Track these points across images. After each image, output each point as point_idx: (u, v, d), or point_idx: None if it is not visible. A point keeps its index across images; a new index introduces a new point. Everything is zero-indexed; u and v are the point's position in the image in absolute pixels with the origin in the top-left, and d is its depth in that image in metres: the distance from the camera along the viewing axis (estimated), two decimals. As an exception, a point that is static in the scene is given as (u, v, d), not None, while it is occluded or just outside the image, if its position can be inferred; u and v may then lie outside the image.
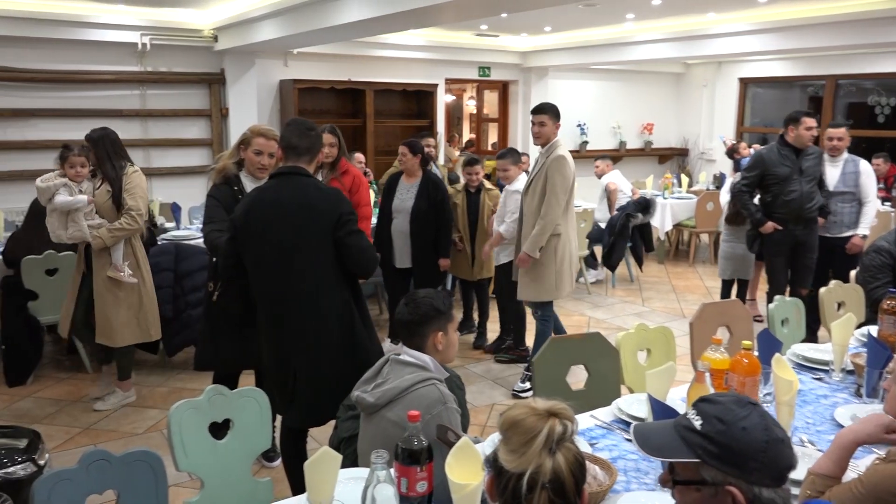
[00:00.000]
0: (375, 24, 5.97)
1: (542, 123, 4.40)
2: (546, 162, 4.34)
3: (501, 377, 5.00)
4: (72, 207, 4.17)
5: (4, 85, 7.31)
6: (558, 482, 1.25)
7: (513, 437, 1.29)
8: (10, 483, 3.12)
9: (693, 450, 1.35)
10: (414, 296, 2.22)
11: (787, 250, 5.22)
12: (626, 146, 11.86)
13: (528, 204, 4.45)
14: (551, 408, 1.31)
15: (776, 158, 5.10)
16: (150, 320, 4.44)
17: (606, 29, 9.07)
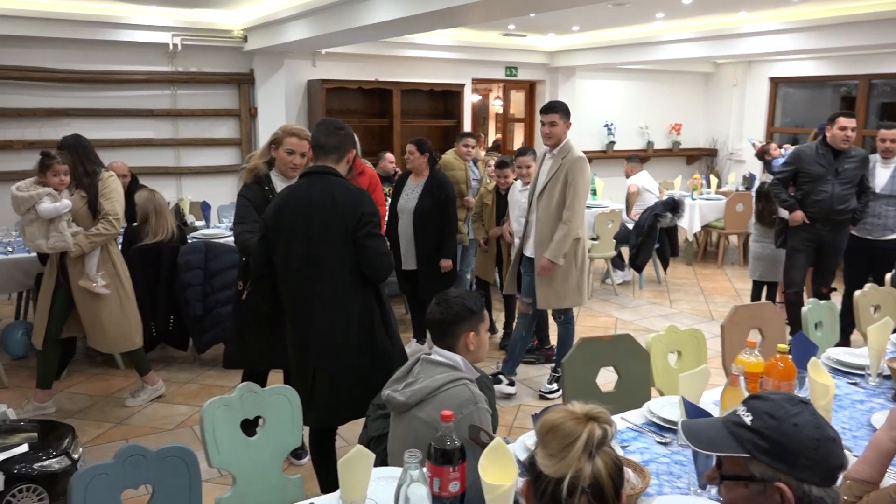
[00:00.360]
0: (403, 24, 5.99)
1: (552, 123, 4.26)
2: (564, 164, 4.22)
3: (528, 377, 4.98)
4: (57, 214, 4.05)
5: (39, 85, 7.45)
6: (598, 487, 1.24)
7: (551, 442, 1.28)
8: (45, 476, 3.19)
9: (742, 445, 1.34)
10: (446, 295, 2.22)
11: (810, 249, 5.23)
12: (653, 146, 11.76)
13: (543, 207, 4.30)
14: (589, 411, 1.30)
15: (812, 156, 5.09)
16: (132, 327, 4.37)
17: (635, 28, 9.00)
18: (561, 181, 4.23)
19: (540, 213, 4.32)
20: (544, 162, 4.41)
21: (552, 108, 4.28)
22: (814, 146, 5.15)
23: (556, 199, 4.25)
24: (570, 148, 4.28)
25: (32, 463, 3.16)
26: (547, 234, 4.28)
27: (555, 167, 4.27)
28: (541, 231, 4.32)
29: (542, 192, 4.31)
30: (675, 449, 2.16)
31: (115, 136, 7.86)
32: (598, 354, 2.85)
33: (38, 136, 7.50)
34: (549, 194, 4.28)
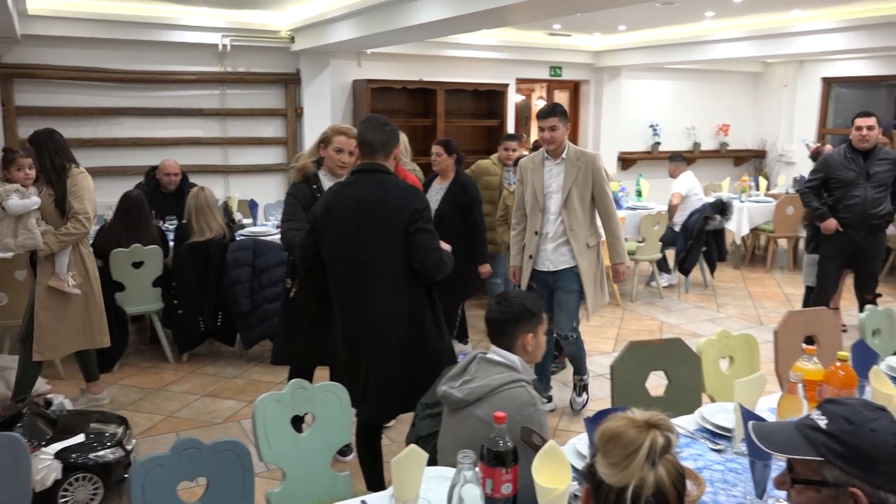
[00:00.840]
0: (449, 24, 5.99)
1: (553, 128, 4.01)
2: (583, 166, 4.05)
3: (569, 380, 4.94)
4: (27, 210, 3.89)
5: (94, 85, 7.66)
6: (661, 496, 1.22)
7: (613, 451, 1.26)
8: (100, 466, 3.28)
9: (817, 448, 1.32)
10: (506, 295, 2.23)
11: (844, 257, 5.13)
12: (700, 147, 11.57)
13: (574, 216, 4.09)
14: (651, 418, 1.28)
15: (840, 161, 5.01)
16: (97, 327, 4.25)
17: (683, 27, 8.86)
18: (587, 183, 4.07)
19: (570, 222, 4.09)
20: (546, 170, 4.14)
21: (551, 112, 4.02)
22: (842, 151, 5.08)
23: (584, 203, 4.10)
24: (576, 149, 4.13)
25: (88, 453, 3.26)
26: (582, 242, 4.12)
27: (573, 172, 4.07)
28: (577, 241, 4.11)
29: (567, 200, 4.07)
30: (730, 456, 2.12)
31: (166, 134, 8.03)
32: (647, 358, 2.81)
33: (93, 134, 7.71)
34: (579, 201, 4.08)
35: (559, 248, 4.15)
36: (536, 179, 4.15)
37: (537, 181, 4.14)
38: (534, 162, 4.19)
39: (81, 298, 4.17)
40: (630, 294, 7.04)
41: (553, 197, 4.13)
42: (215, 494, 2.04)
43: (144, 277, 5.04)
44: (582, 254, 4.13)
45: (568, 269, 4.16)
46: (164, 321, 5.25)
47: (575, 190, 4.06)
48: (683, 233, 7.11)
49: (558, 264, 4.17)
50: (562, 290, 4.21)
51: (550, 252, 4.17)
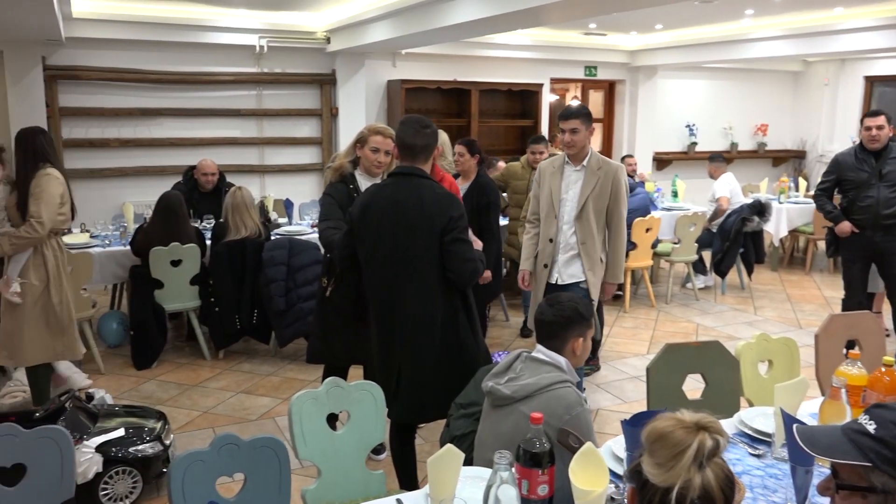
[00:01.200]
0: (484, 24, 5.99)
1: (574, 130, 3.77)
2: (603, 176, 3.82)
3: (605, 382, 4.91)
4: None
5: (135, 86, 7.81)
6: (708, 499, 1.20)
7: (660, 451, 1.25)
8: (139, 460, 3.33)
9: (864, 453, 1.29)
10: (559, 297, 2.22)
11: (865, 258, 5.04)
12: (737, 148, 11.39)
13: (586, 228, 3.85)
14: (700, 420, 1.26)
15: (851, 162, 4.93)
16: (60, 339, 3.97)
17: (722, 26, 8.73)
18: (605, 196, 3.83)
19: (582, 235, 3.85)
20: (565, 175, 3.91)
21: (572, 114, 3.80)
22: (853, 151, 4.99)
23: (599, 216, 3.87)
24: (599, 157, 3.89)
25: (128, 447, 3.32)
26: (594, 258, 3.89)
27: (592, 182, 3.83)
28: (588, 255, 3.87)
29: (582, 211, 3.84)
30: (770, 462, 2.09)
31: (204, 134, 8.16)
32: (684, 361, 2.78)
33: (133, 134, 7.86)
34: (594, 212, 3.85)
35: (571, 260, 3.92)
36: (554, 184, 3.93)
37: (554, 186, 3.93)
38: (553, 165, 3.98)
39: (39, 307, 3.90)
40: (665, 296, 6.96)
41: (568, 205, 3.90)
42: (252, 490, 2.07)
43: (182, 275, 5.12)
44: (593, 269, 3.90)
45: (575, 283, 3.91)
46: (201, 318, 5.34)
47: (591, 201, 3.83)
48: (720, 234, 7.01)
49: (567, 278, 3.93)
50: None
51: (562, 264, 3.94)
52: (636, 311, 6.59)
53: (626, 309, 6.59)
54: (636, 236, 6.39)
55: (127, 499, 3.30)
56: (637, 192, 6.55)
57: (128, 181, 7.88)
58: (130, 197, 7.63)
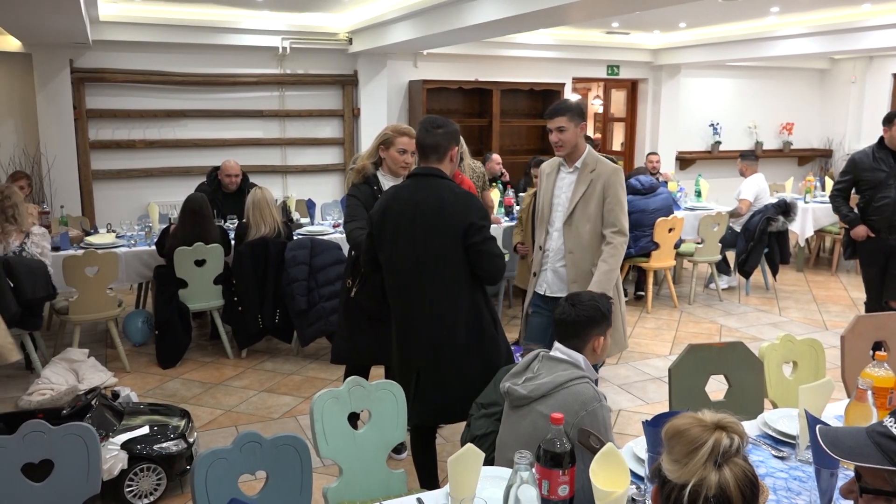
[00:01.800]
0: (506, 24, 5.98)
1: (560, 129, 3.43)
2: (595, 178, 3.45)
3: (627, 383, 4.88)
4: None
5: (160, 88, 7.91)
6: (724, 498, 1.20)
7: (676, 447, 1.25)
8: (164, 457, 3.37)
9: (889, 457, 1.28)
10: (579, 296, 2.21)
11: (881, 260, 4.91)
12: (762, 147, 11.25)
13: (573, 236, 3.49)
14: (720, 420, 1.26)
15: (868, 163, 4.82)
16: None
17: (747, 23, 8.64)
18: (595, 200, 3.45)
19: (570, 243, 3.49)
20: (559, 178, 3.59)
21: (558, 111, 3.46)
22: (870, 151, 4.87)
23: (591, 223, 3.45)
24: (596, 158, 3.52)
25: (152, 444, 3.37)
26: (584, 269, 3.48)
27: (583, 185, 3.47)
28: (574, 266, 3.48)
29: (571, 217, 3.49)
30: (794, 464, 2.06)
31: (227, 135, 8.24)
32: (707, 362, 2.75)
33: (158, 135, 7.96)
34: (581, 218, 3.46)
35: (559, 271, 3.57)
36: (547, 187, 3.63)
37: (547, 188, 3.63)
38: (551, 166, 3.67)
39: None
40: (688, 296, 6.90)
41: (559, 210, 3.56)
42: (274, 488, 2.08)
43: (206, 275, 5.18)
44: (578, 281, 3.47)
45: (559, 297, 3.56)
46: (224, 318, 5.39)
47: (581, 207, 3.45)
48: (745, 234, 6.93)
49: (553, 290, 3.57)
50: None
51: (549, 274, 3.59)
52: (658, 312, 6.54)
53: (649, 309, 6.54)
54: (659, 236, 6.34)
55: (151, 496, 3.35)
56: (660, 191, 6.50)
57: (153, 182, 7.98)
58: (155, 197, 7.73)
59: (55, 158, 7.37)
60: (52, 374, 4.47)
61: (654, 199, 6.40)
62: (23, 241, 4.52)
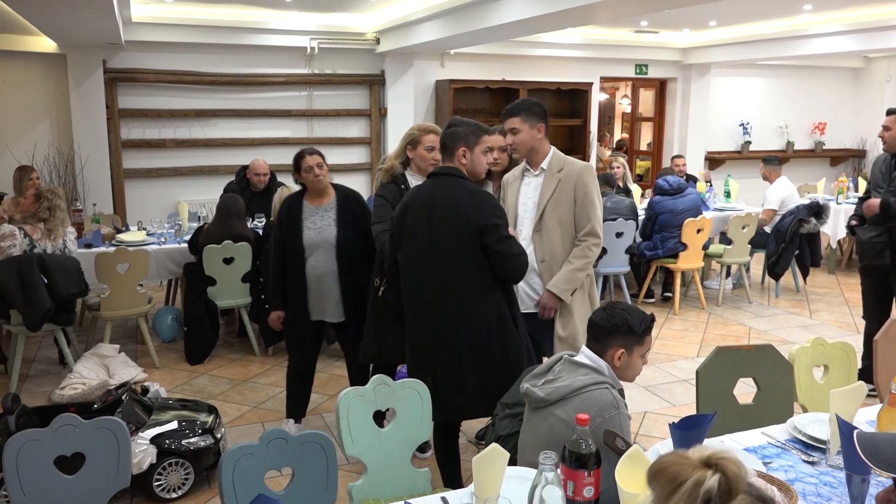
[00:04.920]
0: (533, 23, 5.96)
1: (513, 130, 3.21)
2: (563, 178, 3.21)
3: (653, 385, 4.84)
4: None
5: (190, 88, 8.01)
6: None
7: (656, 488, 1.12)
8: (192, 452, 3.42)
9: None
10: (615, 304, 2.17)
11: None
12: (793, 147, 11.09)
13: (546, 243, 3.23)
14: (711, 457, 1.09)
15: (879, 167, 4.44)
16: None
17: (779, 21, 8.51)
18: (566, 202, 3.20)
19: (541, 252, 3.23)
20: (524, 183, 3.32)
21: (511, 111, 3.22)
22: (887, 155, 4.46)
23: (563, 227, 3.21)
24: (563, 158, 3.28)
25: (181, 439, 3.41)
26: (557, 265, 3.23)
27: (550, 187, 3.22)
28: (550, 276, 3.22)
29: (540, 223, 3.23)
30: (824, 469, 2.03)
31: (256, 135, 8.33)
32: (735, 364, 2.72)
33: (188, 135, 8.06)
34: (558, 223, 3.21)
35: (533, 283, 3.27)
36: (511, 195, 3.35)
37: (511, 195, 3.35)
38: (514, 174, 3.41)
39: None
40: (716, 298, 6.82)
41: (526, 218, 3.29)
42: (300, 485, 2.10)
43: (234, 273, 5.23)
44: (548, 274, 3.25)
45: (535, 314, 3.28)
46: (251, 316, 5.44)
47: (551, 210, 3.20)
48: (775, 235, 6.83)
49: (528, 305, 3.27)
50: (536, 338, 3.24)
51: (521, 288, 3.24)
52: (686, 314, 6.47)
53: (676, 311, 6.48)
54: (687, 237, 6.28)
55: (179, 490, 3.39)
56: (688, 192, 6.44)
57: (183, 180, 8.09)
58: (185, 196, 7.84)
59: (88, 157, 7.50)
60: (84, 368, 4.55)
61: (682, 200, 6.34)
62: (64, 238, 4.62)
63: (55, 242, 4.55)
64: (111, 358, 4.76)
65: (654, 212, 6.38)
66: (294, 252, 3.78)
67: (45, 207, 4.52)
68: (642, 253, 6.45)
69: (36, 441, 2.05)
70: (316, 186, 3.81)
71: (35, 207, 4.53)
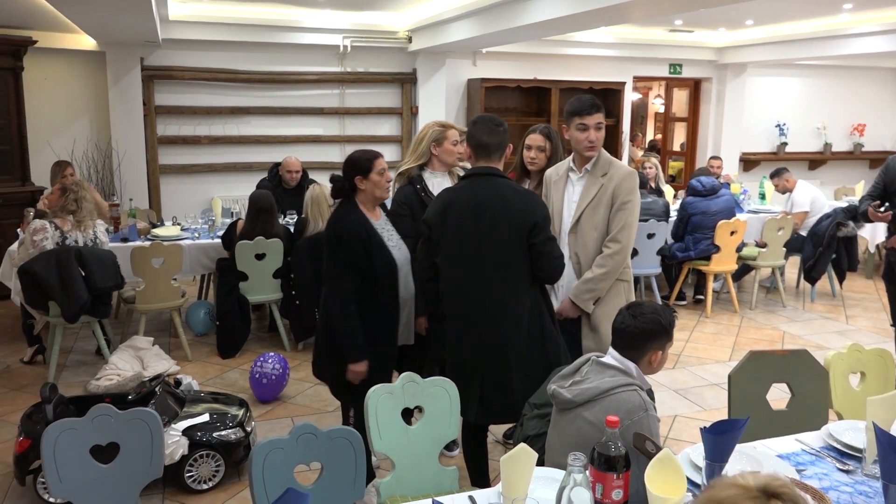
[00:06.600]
0: (566, 22, 5.93)
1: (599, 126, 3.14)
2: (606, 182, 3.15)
3: (684, 388, 4.78)
4: None
5: (225, 85, 8.11)
6: None
7: None
8: (223, 445, 3.46)
9: None
10: (641, 307, 2.14)
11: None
12: (831, 148, 10.88)
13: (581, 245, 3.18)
14: (768, 485, 1.05)
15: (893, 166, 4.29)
16: None
17: (818, 21, 8.35)
18: (604, 207, 3.13)
19: (580, 255, 3.17)
20: (568, 183, 3.26)
21: (598, 106, 3.11)
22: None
23: (597, 231, 3.14)
24: (609, 160, 3.20)
25: (212, 432, 3.46)
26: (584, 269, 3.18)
27: (592, 189, 3.15)
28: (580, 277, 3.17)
29: (577, 225, 3.18)
30: (860, 478, 1.99)
31: (289, 132, 8.40)
32: (769, 369, 2.68)
33: (223, 132, 8.16)
34: (594, 229, 3.15)
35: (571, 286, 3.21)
36: (556, 193, 3.29)
37: (556, 195, 3.29)
38: (558, 172, 3.34)
39: None
40: (749, 301, 6.72)
41: (567, 218, 3.24)
42: (329, 479, 2.12)
43: (266, 269, 5.29)
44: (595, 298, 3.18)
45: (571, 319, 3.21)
46: (282, 311, 5.49)
47: (590, 213, 3.15)
48: (812, 239, 6.70)
49: None
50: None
51: (563, 290, 3.23)
52: (718, 317, 6.39)
53: (708, 314, 6.40)
54: (720, 239, 6.19)
55: (210, 481, 3.44)
56: (722, 193, 6.35)
57: (216, 177, 8.20)
58: (219, 192, 7.94)
59: (125, 153, 7.63)
60: (119, 360, 4.64)
61: (715, 201, 6.26)
62: (94, 230, 4.71)
63: (86, 234, 4.63)
64: (145, 350, 4.84)
65: (687, 213, 6.31)
66: (387, 276, 3.12)
67: (71, 199, 4.61)
68: (674, 254, 6.38)
69: (73, 430, 2.10)
70: (383, 196, 3.18)
71: (62, 200, 4.63)
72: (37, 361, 5.11)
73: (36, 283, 4.43)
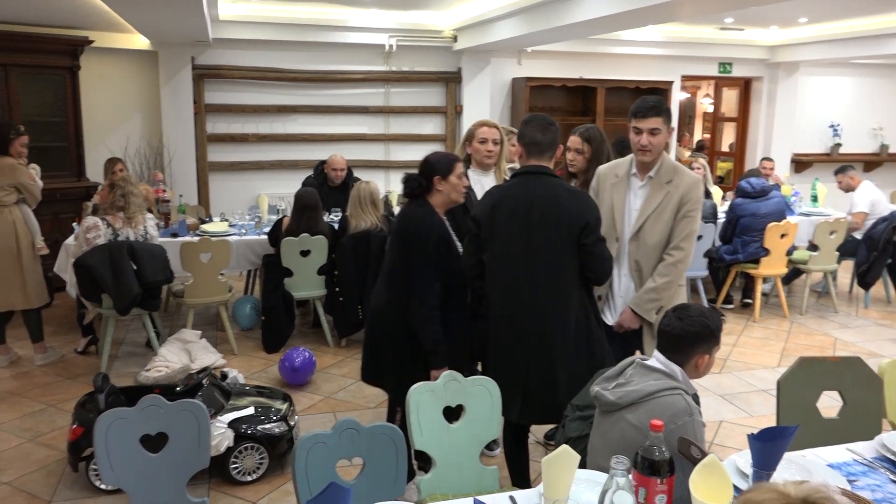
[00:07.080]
0: (614, 20, 5.85)
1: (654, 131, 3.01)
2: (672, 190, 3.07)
3: (730, 393, 4.69)
4: None
5: (273, 84, 8.23)
6: None
7: None
8: (267, 438, 3.52)
9: None
10: (688, 309, 2.10)
11: None
12: (888, 150, 10.54)
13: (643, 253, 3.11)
14: (809, 496, 1.02)
15: None
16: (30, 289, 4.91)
17: (874, 18, 8.08)
18: (668, 215, 3.06)
19: (637, 254, 3.12)
20: (630, 187, 3.17)
21: (655, 109, 2.99)
22: None
23: (660, 240, 3.08)
24: (674, 167, 3.11)
25: (256, 425, 3.52)
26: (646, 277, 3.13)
27: (657, 197, 3.08)
28: (644, 280, 3.12)
29: (639, 233, 3.11)
30: (915, 491, 1.93)
31: (334, 131, 8.49)
32: (820, 376, 2.61)
33: (270, 130, 8.29)
34: (649, 233, 3.08)
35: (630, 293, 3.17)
36: (617, 197, 3.18)
37: (618, 199, 3.18)
38: (617, 174, 3.22)
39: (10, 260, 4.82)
40: (800, 306, 6.56)
41: (627, 224, 3.17)
42: (370, 475, 2.14)
43: (310, 265, 5.36)
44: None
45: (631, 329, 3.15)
46: (326, 307, 5.56)
47: (653, 221, 3.08)
48: (867, 243, 6.51)
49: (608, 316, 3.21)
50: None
51: (618, 299, 3.18)
52: (767, 321, 6.25)
53: (756, 318, 6.26)
54: (769, 242, 6.05)
55: (254, 473, 3.50)
56: (772, 195, 6.20)
57: (263, 174, 8.33)
58: (265, 189, 8.07)
59: (175, 150, 7.81)
60: (168, 352, 4.74)
61: (765, 203, 6.12)
62: (145, 224, 4.82)
63: (136, 229, 4.75)
64: (193, 343, 4.95)
65: (736, 214, 6.18)
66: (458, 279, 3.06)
67: (119, 195, 4.72)
68: (721, 257, 6.26)
69: (123, 419, 2.16)
70: (458, 199, 3.09)
71: (112, 197, 4.75)
72: (90, 352, 5.27)
73: (90, 276, 4.56)
